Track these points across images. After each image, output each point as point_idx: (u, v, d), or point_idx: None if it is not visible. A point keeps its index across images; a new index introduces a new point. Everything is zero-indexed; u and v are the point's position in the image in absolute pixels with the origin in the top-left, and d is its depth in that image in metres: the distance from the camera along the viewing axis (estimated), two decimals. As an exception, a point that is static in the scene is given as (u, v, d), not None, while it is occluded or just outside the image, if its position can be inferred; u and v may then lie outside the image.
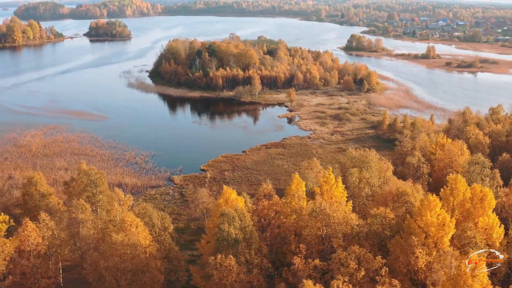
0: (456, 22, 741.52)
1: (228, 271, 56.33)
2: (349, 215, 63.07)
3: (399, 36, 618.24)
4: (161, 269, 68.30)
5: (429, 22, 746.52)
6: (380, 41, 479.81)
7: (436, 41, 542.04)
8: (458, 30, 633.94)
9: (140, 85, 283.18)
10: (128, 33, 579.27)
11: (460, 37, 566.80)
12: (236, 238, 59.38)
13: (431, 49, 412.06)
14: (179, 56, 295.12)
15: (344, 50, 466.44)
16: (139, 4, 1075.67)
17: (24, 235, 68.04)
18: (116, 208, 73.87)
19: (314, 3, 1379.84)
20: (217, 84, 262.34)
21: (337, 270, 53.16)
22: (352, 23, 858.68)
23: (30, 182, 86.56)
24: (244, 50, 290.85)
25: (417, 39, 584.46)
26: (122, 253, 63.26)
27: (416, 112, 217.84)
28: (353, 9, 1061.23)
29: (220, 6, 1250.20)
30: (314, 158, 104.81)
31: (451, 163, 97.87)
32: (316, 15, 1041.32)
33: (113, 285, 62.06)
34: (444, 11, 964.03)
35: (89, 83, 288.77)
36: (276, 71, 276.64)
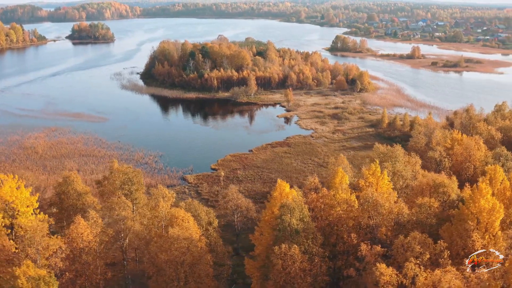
0: (436, 23, 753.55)
1: (293, 260, 58.45)
2: (400, 205, 65.78)
3: (381, 36, 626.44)
4: (210, 262, 70.03)
5: (409, 22, 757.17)
6: (364, 42, 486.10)
7: (418, 42, 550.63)
8: (438, 31, 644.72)
9: (133, 86, 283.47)
10: (111, 36, 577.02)
11: (441, 37, 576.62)
12: (296, 228, 61.58)
13: (416, 50, 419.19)
14: (172, 58, 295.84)
15: (329, 51, 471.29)
16: (118, 7, 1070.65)
17: (77, 233, 69.13)
18: (162, 204, 75.38)
19: (292, 4, 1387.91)
20: (212, 85, 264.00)
21: (402, 254, 55.73)
22: (333, 24, 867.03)
23: (66, 181, 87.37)
24: (237, 52, 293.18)
25: (399, 39, 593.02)
26: (179, 247, 64.87)
27: (411, 111, 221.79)
28: (332, 10, 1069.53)
29: (199, 8, 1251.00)
30: (341, 154, 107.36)
31: (469, 157, 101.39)
32: (295, 16, 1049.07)
33: (173, 277, 63.63)
34: (423, 11, 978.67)
35: (82, 85, 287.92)
36: (269, 72, 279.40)
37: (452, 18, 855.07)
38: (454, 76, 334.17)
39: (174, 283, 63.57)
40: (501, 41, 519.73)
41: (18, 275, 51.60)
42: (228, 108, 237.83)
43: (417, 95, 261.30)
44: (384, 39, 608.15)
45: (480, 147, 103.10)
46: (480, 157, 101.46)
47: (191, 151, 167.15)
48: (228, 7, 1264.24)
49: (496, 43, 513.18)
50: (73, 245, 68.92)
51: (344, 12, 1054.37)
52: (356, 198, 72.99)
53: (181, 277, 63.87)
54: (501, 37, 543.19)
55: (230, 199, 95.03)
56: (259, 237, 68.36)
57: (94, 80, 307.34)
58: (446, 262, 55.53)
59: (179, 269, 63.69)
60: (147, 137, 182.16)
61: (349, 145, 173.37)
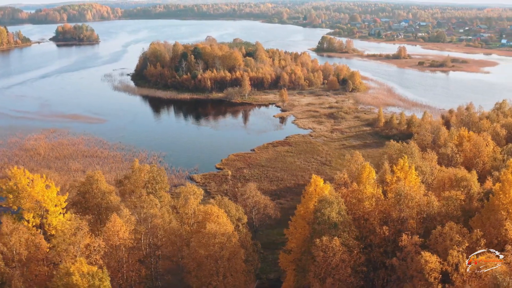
0: (418, 23, 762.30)
1: (333, 252, 60.35)
2: (430, 197, 68.09)
3: (365, 37, 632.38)
4: (242, 257, 71.70)
5: (391, 23, 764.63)
6: (350, 42, 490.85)
7: (402, 42, 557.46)
8: (421, 31, 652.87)
9: (126, 88, 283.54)
10: (96, 37, 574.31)
11: (424, 38, 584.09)
12: (335, 222, 63.54)
13: (402, 50, 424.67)
14: (163, 59, 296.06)
15: (316, 51, 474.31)
16: (99, 8, 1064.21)
17: (113, 231, 70.23)
18: (192, 201, 76.85)
19: (273, 5, 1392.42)
20: (206, 86, 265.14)
21: (441, 243, 57.96)
22: (315, 25, 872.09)
23: (89, 180, 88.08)
24: (229, 53, 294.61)
25: (383, 40, 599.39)
26: (217, 242, 66.42)
27: (404, 110, 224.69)
28: (313, 11, 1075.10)
29: (180, 9, 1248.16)
30: (356, 151, 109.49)
31: (478, 153, 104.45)
32: (278, 17, 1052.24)
33: (213, 272, 65.15)
34: (404, 12, 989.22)
35: (74, 87, 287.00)
36: (262, 72, 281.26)
37: (433, 18, 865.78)
38: (441, 75, 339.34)
39: (214, 277, 65.04)
40: (484, 41, 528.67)
41: (72, 271, 52.65)
42: (224, 108, 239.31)
43: (408, 94, 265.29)
44: (368, 39, 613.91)
45: (489, 143, 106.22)
46: (489, 153, 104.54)
47: (194, 151, 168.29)
48: (209, 8, 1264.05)
49: (479, 42, 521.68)
50: (109, 243, 70.02)
51: (325, 13, 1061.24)
52: (382, 193, 75.32)
53: (220, 271, 65.41)
54: (484, 37, 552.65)
55: (249, 196, 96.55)
56: (294, 231, 70.09)
57: (85, 82, 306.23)
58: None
59: (219, 263, 65.20)
60: (147, 138, 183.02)
61: (348, 143, 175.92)
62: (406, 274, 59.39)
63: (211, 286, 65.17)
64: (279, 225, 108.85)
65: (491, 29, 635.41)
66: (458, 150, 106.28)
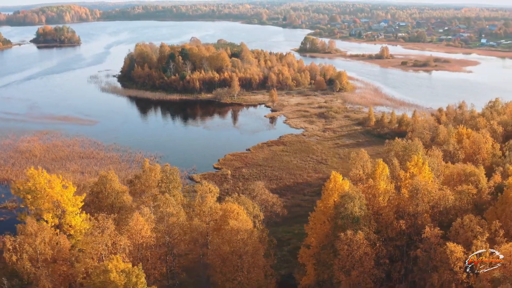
0: (398, 23, 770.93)
1: (358, 245, 62.22)
2: (446, 192, 70.32)
3: (346, 37, 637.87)
4: (262, 252, 73.22)
5: (371, 23, 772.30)
6: (333, 43, 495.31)
7: (382, 42, 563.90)
8: (400, 31, 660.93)
9: (114, 89, 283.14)
10: (77, 39, 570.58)
11: (405, 38, 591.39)
12: (357, 216, 65.47)
13: (385, 50, 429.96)
14: (151, 60, 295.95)
15: (299, 52, 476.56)
16: (78, 10, 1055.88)
17: (136, 229, 71.16)
18: (210, 199, 78.13)
19: (252, 6, 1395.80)
20: (194, 86, 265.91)
21: (463, 234, 60.20)
22: (295, 25, 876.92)
23: (102, 180, 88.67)
24: (216, 53, 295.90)
25: (364, 40, 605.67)
26: (241, 238, 67.85)
27: (392, 109, 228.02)
28: (292, 12, 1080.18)
29: (159, 10, 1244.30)
30: (362, 149, 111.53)
31: (478, 150, 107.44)
32: (257, 18, 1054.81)
33: (238, 267, 66.52)
34: (382, 12, 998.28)
35: (62, 89, 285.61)
36: (250, 73, 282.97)
37: (412, 18, 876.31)
38: (425, 75, 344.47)
39: (239, 273, 66.41)
40: (463, 41, 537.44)
41: (110, 269, 53.60)
42: (214, 109, 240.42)
43: (394, 94, 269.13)
44: (349, 39, 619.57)
45: (488, 140, 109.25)
46: (488, 150, 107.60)
47: (190, 152, 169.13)
48: (188, 9, 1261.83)
49: (459, 42, 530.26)
50: (132, 241, 70.93)
51: (305, 14, 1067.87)
52: (396, 188, 77.55)
53: (244, 266, 66.80)
54: (463, 37, 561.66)
55: (257, 194, 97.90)
56: (314, 227, 71.76)
57: (71, 84, 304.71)
58: (501, 240, 60.30)
59: (244, 259, 66.60)
60: (141, 139, 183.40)
61: (342, 142, 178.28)
62: (429, 265, 61.42)
63: (235, 281, 66.45)
64: (285, 223, 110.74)
65: (470, 29, 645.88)
66: (459, 147, 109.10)
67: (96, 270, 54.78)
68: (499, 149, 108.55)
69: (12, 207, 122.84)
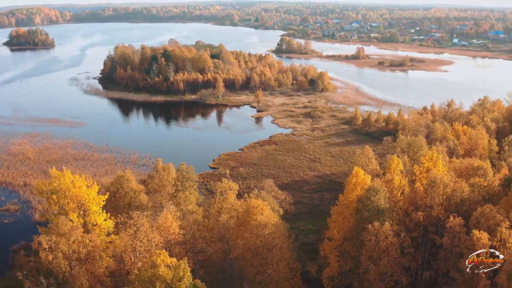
0: (370, 24, 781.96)
1: (385, 236, 65.26)
2: (461, 184, 73.92)
3: (319, 38, 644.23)
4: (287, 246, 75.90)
5: (343, 24, 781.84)
6: (308, 44, 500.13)
7: (356, 42, 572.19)
8: (373, 31, 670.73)
9: (96, 91, 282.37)
10: (51, 41, 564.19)
11: (378, 38, 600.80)
12: (383, 208, 68.63)
13: (361, 50, 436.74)
14: (133, 62, 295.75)
15: (275, 52, 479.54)
16: (48, 12, 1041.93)
17: (166, 226, 72.99)
18: (231, 195, 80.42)
19: (223, 7, 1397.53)
20: (179, 88, 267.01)
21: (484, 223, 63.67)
22: (267, 26, 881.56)
23: (119, 180, 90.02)
24: (198, 55, 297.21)
25: (337, 41, 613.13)
26: (268, 233, 70.36)
27: (376, 108, 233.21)
28: (263, 13, 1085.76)
29: (130, 12, 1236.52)
30: (367, 146, 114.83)
31: (475, 146, 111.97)
32: (229, 19, 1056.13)
33: (268, 260, 68.91)
34: (353, 13, 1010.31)
35: (44, 91, 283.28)
36: (233, 74, 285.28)
37: (383, 19, 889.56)
38: (402, 75, 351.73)
39: (269, 265, 68.82)
40: (436, 41, 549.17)
41: (159, 264, 55.44)
42: (200, 110, 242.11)
43: (375, 93, 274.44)
44: (323, 40, 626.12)
45: (483, 136, 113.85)
46: (485, 145, 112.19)
47: (183, 152, 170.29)
48: (159, 11, 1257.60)
49: (432, 42, 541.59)
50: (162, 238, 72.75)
51: (276, 15, 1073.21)
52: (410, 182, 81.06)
53: (274, 259, 69.27)
54: (436, 37, 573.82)
55: (267, 191, 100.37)
56: (336, 220, 74.63)
57: (53, 86, 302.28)
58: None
59: (273, 252, 69.08)
60: (132, 140, 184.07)
61: (331, 141, 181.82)
62: (453, 252, 64.84)
63: (265, 274, 68.82)
64: (289, 220, 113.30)
65: (442, 29, 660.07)
66: (458, 143, 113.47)
67: (145, 265, 56.43)
68: (496, 145, 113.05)
69: (14, 210, 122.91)
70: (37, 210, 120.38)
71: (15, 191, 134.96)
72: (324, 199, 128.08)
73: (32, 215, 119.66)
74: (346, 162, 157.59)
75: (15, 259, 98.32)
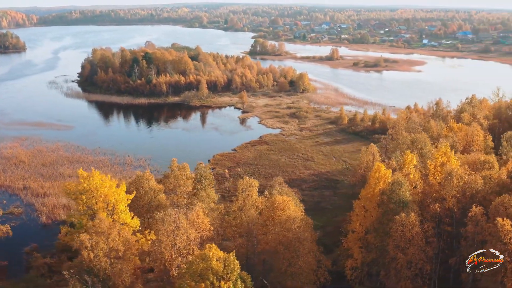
0: (339, 25, 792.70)
1: (411, 226, 69.15)
2: (476, 176, 78.39)
3: (291, 40, 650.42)
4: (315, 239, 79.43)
5: (312, 25, 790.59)
6: (282, 45, 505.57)
7: (327, 44, 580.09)
8: (343, 33, 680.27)
9: (78, 94, 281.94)
10: (23, 45, 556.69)
11: (349, 39, 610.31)
12: (406, 200, 72.67)
13: (335, 51, 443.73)
14: (113, 65, 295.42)
15: (249, 54, 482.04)
16: (14, 16, 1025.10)
17: (198, 222, 75.46)
18: (254, 192, 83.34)
19: (190, 10, 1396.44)
20: (161, 90, 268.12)
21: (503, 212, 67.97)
22: (237, 28, 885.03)
23: (138, 180, 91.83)
24: (179, 57, 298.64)
25: (308, 42, 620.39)
26: (297, 226, 73.65)
27: (357, 108, 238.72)
28: (232, 15, 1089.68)
29: (97, 15, 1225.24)
30: (371, 143, 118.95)
31: (472, 142, 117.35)
32: (198, 21, 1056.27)
33: (300, 253, 72.09)
34: (321, 14, 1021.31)
35: (24, 95, 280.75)
36: (215, 75, 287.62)
37: (351, 20, 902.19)
38: (377, 75, 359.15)
39: (301, 257, 72.01)
40: (406, 42, 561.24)
41: (211, 257, 58.03)
42: (185, 111, 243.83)
43: (355, 94, 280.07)
44: (294, 42, 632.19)
45: (479, 132, 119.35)
46: (480, 142, 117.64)
47: (176, 153, 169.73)
48: (126, 13, 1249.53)
49: (402, 43, 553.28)
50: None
51: (244, 17, 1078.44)
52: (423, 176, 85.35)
53: (305, 251, 72.56)
54: (405, 38, 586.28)
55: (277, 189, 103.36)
56: (359, 213, 78.30)
57: (32, 89, 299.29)
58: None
59: (304, 244, 72.37)
60: (124, 143, 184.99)
61: (321, 140, 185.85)
62: (475, 240, 69.14)
63: (296, 266, 71.97)
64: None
65: (410, 30, 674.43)
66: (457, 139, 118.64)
67: (197, 258, 58.82)
68: (491, 141, 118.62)
69: (18, 213, 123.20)
70: (43, 212, 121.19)
71: (16, 194, 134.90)
72: (324, 196, 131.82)
73: (38, 217, 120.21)
74: (338, 161, 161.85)
75: (30, 261, 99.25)
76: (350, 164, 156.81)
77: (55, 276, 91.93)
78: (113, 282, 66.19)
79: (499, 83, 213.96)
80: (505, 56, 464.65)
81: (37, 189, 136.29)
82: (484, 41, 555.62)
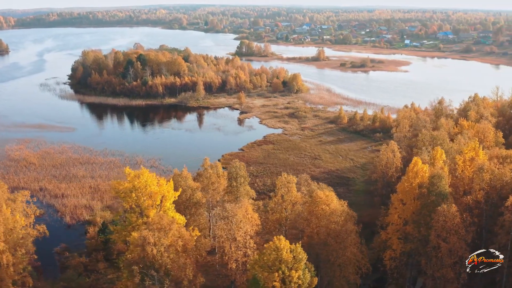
0: (320, 26, 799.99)
1: (453, 216, 73.27)
2: (505, 170, 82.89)
3: (273, 41, 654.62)
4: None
5: (293, 27, 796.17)
6: (268, 46, 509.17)
7: (310, 45, 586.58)
8: (324, 34, 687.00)
9: (72, 96, 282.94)
10: (6, 47, 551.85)
11: (331, 40, 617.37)
12: (446, 192, 76.92)
13: (321, 52, 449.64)
14: (107, 67, 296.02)
15: (235, 55, 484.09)
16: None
17: (248, 217, 78.52)
18: (293, 188, 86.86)
19: (168, 11, 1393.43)
20: (158, 91, 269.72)
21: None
22: (218, 30, 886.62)
23: (176, 179, 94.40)
24: (173, 59, 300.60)
25: (291, 43, 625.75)
26: (343, 219, 77.45)
27: (352, 108, 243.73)
28: (211, 16, 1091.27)
29: (75, 17, 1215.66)
30: (392, 141, 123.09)
31: (483, 139, 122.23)
32: (177, 23, 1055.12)
33: (347, 244, 75.76)
34: (300, 16, 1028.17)
35: (18, 97, 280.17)
36: (209, 77, 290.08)
37: (330, 21, 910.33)
38: (364, 75, 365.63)
39: (348, 248, 75.73)
40: (388, 42, 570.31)
41: (282, 247, 61.34)
42: (184, 112, 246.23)
43: (347, 93, 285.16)
44: (277, 43, 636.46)
45: (490, 129, 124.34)
46: (491, 138, 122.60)
47: (185, 153, 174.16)
48: (105, 15, 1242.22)
49: (384, 43, 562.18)
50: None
51: (224, 18, 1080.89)
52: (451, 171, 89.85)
53: (352, 243, 76.31)
54: (387, 38, 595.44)
55: (303, 185, 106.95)
56: (398, 206, 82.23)
57: (24, 92, 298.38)
58: None
59: (352, 236, 76.21)
60: (131, 143, 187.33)
61: (324, 140, 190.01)
62: (511, 228, 73.75)
63: (344, 256, 75.61)
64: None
65: (391, 30, 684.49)
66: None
67: (268, 249, 61.99)
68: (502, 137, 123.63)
69: (40, 213, 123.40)
70: (66, 213, 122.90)
71: (33, 196, 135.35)
72: (339, 193, 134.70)
73: (62, 218, 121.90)
74: (345, 159, 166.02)
75: (63, 261, 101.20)
76: (357, 162, 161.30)
77: (93, 275, 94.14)
78: (176, 276, 68.69)
79: (484, 82, 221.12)
80: (486, 56, 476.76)
81: (54, 191, 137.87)
82: (465, 41, 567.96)
